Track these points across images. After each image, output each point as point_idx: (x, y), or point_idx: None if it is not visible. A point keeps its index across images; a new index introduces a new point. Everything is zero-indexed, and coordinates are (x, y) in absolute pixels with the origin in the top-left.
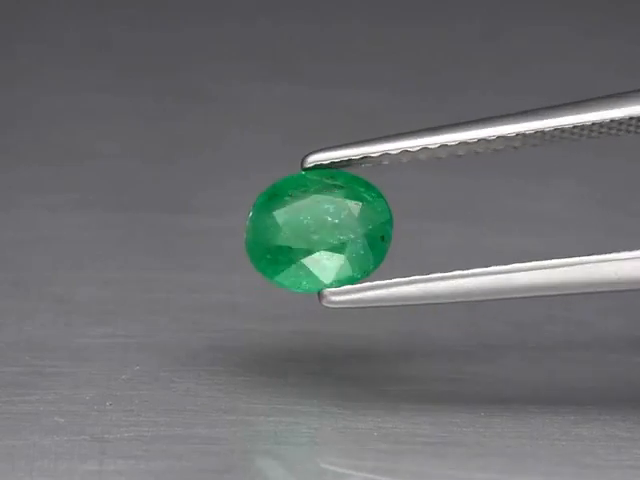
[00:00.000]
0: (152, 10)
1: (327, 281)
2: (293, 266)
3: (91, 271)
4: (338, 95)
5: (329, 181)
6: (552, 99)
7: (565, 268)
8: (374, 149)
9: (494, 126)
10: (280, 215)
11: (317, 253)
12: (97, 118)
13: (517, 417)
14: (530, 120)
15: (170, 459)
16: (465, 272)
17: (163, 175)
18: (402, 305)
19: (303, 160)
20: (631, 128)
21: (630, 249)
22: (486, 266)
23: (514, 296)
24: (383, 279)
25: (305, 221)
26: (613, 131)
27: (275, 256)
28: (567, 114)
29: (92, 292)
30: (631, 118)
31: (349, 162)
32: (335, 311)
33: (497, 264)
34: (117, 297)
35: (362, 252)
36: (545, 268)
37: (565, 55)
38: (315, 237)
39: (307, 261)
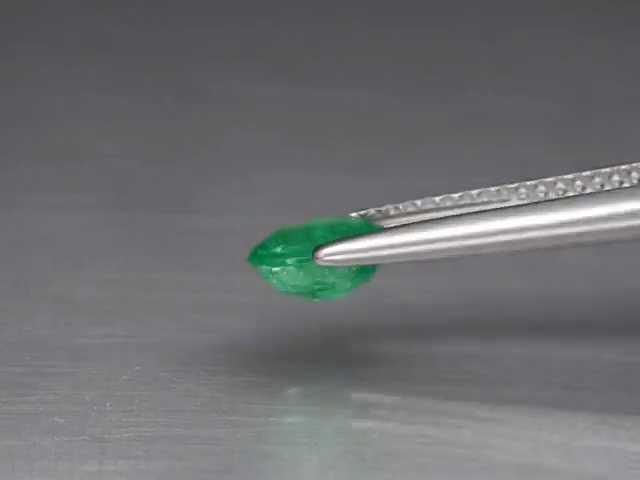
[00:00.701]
0: (152, 10)
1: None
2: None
3: (91, 271)
4: (338, 95)
5: None
6: (552, 99)
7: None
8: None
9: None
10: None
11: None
12: (97, 118)
13: (517, 417)
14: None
15: (170, 459)
16: (464, 215)
17: (163, 175)
18: (399, 261)
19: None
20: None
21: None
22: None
23: (519, 236)
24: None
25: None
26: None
27: (274, 258)
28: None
29: (92, 292)
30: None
31: None
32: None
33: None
34: (117, 297)
35: None
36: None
37: (565, 55)
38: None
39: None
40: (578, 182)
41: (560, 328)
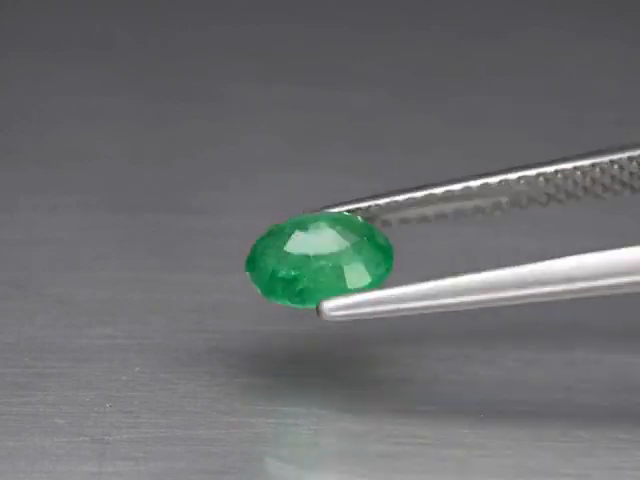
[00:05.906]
0: (152, 10)
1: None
2: (289, 281)
3: (91, 271)
4: (338, 95)
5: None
6: (552, 99)
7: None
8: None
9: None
10: (282, 247)
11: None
12: (97, 119)
13: (516, 418)
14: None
15: (170, 460)
16: (466, 281)
17: (163, 175)
18: (401, 315)
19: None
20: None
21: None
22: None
23: (513, 302)
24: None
25: (305, 250)
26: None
27: (275, 281)
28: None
29: (92, 292)
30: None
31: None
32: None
33: (497, 268)
34: (117, 297)
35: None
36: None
37: (565, 55)
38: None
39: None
40: (578, 173)
41: (560, 328)
